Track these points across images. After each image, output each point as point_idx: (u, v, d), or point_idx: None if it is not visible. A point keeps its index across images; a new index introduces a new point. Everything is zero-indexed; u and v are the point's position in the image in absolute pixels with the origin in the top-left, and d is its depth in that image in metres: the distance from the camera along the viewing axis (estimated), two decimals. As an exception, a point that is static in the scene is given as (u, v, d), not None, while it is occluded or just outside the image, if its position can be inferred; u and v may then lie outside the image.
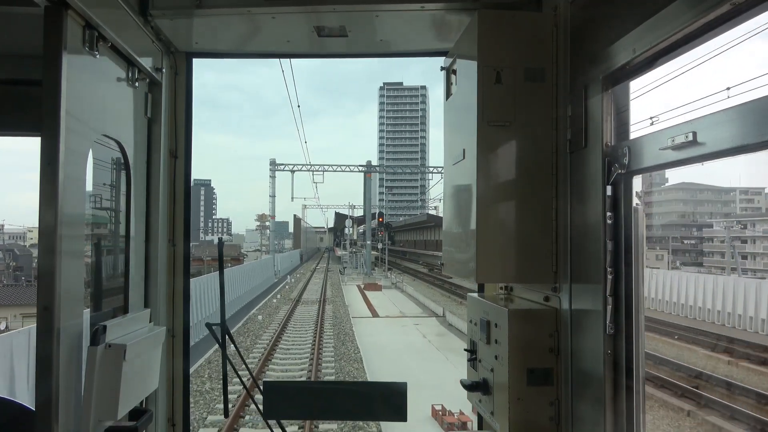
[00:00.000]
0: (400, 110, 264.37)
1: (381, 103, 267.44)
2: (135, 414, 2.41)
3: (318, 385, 6.67)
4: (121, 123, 2.58)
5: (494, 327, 2.56)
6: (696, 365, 16.52)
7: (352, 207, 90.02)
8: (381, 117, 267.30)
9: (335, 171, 62.15)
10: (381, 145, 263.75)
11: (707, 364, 17.01)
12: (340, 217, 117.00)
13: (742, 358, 17.14)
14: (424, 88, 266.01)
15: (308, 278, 60.43)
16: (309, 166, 61.22)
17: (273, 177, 61.51)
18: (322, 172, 61.15)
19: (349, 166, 62.83)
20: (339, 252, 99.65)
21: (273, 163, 61.15)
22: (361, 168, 63.41)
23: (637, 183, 1.98)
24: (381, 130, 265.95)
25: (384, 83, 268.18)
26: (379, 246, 74.81)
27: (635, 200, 1.97)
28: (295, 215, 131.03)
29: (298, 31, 2.97)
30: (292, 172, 60.95)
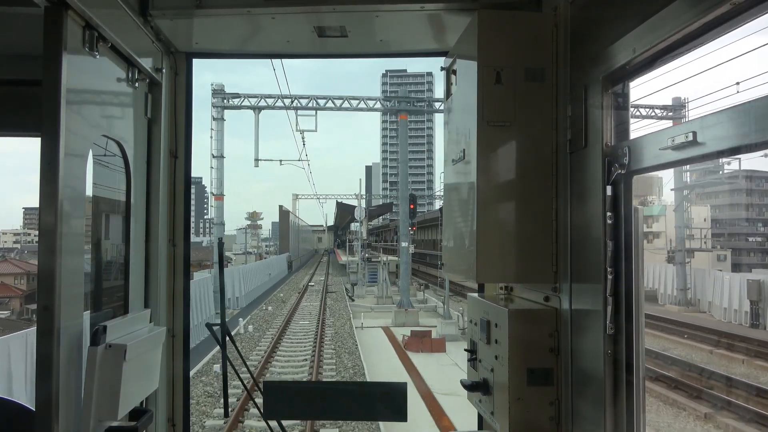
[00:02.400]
0: (406, 99, 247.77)
1: (384, 92, 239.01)
2: (135, 414, 2.41)
3: (318, 386, 6.68)
4: (121, 123, 2.58)
5: (494, 327, 2.56)
6: None
7: (360, 197, 58.71)
8: (384, 107, 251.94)
9: (335, 110, 34.08)
10: (384, 137, 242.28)
11: None
12: (343, 209, 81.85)
13: None
14: (430, 74, 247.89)
15: (290, 312, 31.54)
16: (289, 101, 32.17)
17: (219, 119, 31.73)
18: (313, 111, 32.50)
19: (360, 98, 35.10)
20: (344, 258, 67.42)
21: (219, 91, 31.68)
22: (382, 101, 38.11)
23: (686, 174, 1.94)
24: (384, 120, 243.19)
25: (387, 70, 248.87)
26: (412, 249, 42.36)
27: (685, 191, 1.96)
28: (281, 207, 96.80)
29: (298, 31, 2.97)
30: (257, 109, 32.04)
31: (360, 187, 58.03)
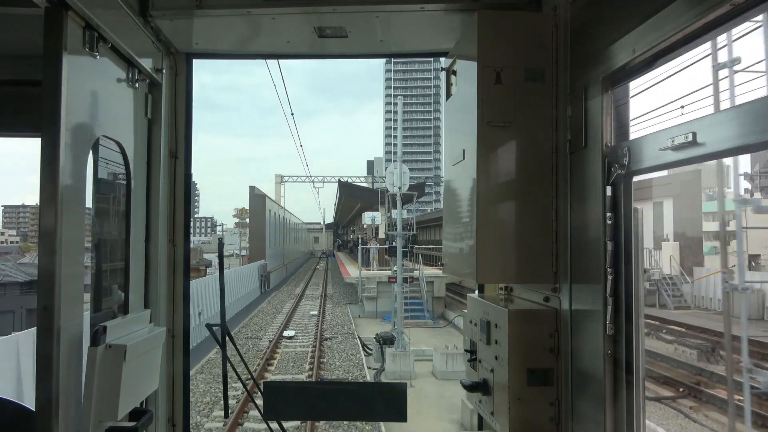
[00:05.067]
0: (410, 86, 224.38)
1: (387, 79, 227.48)
2: (135, 414, 2.41)
3: (318, 386, 6.67)
4: (121, 124, 2.58)
5: (494, 327, 2.56)
6: None
7: (368, 179, 44.99)
8: (387, 95, 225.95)
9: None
10: (388, 128, 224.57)
11: None
12: (350, 193, 54.02)
13: None
14: (438, 60, 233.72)
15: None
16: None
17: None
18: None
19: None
20: (353, 273, 38.77)
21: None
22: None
23: (746, 162, 1.88)
24: (387, 111, 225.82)
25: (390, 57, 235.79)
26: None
27: (744, 182, 1.92)
28: (252, 189, 57.12)
29: (298, 31, 2.97)
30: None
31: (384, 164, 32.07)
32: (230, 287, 32.32)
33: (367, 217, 42.99)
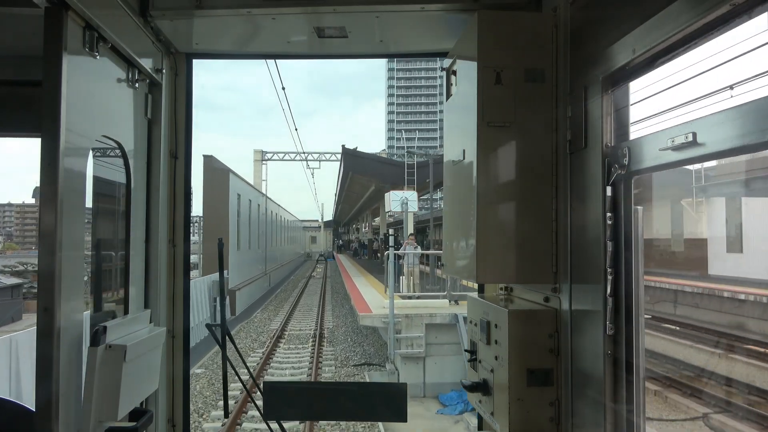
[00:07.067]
0: (414, 77, 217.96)
1: (390, 69, 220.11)
2: (135, 414, 2.41)
3: (318, 386, 6.67)
4: (122, 124, 2.58)
5: (494, 327, 2.56)
6: None
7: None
8: (390, 88, 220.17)
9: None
10: (390, 121, 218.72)
11: None
12: (354, 167, 35.06)
13: None
14: (445, 54, 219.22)
15: None
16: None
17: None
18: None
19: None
20: (373, 310, 16.48)
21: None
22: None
23: None
24: (390, 103, 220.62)
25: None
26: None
27: None
28: (209, 159, 30.65)
29: (298, 31, 2.97)
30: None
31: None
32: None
33: (394, 199, 26.01)
